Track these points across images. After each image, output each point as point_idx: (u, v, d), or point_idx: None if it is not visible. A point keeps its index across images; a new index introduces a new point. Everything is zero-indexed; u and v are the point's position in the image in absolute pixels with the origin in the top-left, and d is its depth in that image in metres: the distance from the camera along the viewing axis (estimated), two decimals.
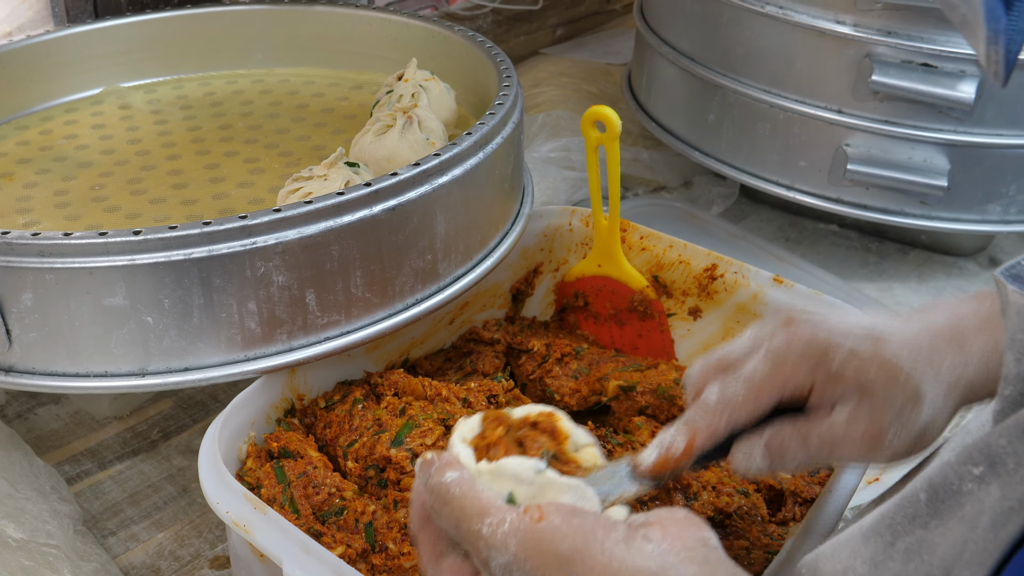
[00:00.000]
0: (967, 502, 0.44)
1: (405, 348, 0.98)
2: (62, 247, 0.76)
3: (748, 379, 0.64)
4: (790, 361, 0.64)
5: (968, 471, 0.44)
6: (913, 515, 0.46)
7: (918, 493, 0.47)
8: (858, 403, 0.63)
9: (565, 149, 1.51)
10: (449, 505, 0.55)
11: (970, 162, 1.25)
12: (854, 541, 0.50)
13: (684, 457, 0.65)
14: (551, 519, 0.52)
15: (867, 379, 0.62)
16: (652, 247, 1.05)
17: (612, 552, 0.51)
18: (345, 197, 0.80)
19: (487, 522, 0.53)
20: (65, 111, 1.23)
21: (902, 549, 0.46)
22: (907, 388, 0.62)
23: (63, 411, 1.13)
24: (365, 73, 1.31)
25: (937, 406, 0.62)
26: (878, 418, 0.62)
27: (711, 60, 1.35)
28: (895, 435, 0.62)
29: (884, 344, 0.63)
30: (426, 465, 0.58)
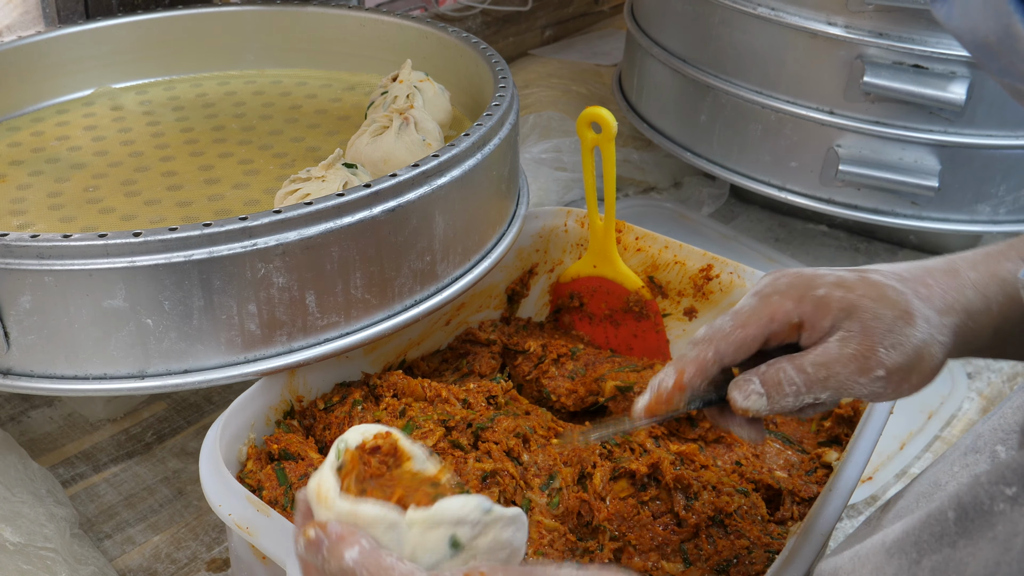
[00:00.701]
0: (999, 522, 0.43)
1: (402, 349, 0.98)
2: (61, 249, 0.76)
3: (735, 312, 0.66)
4: (776, 294, 0.66)
5: (1000, 491, 0.44)
6: (940, 533, 0.46)
7: (946, 511, 0.46)
8: (848, 323, 0.63)
9: (556, 150, 1.51)
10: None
11: (960, 163, 1.26)
12: (877, 557, 0.49)
13: (676, 391, 0.65)
14: None
15: (854, 298, 0.63)
16: (648, 248, 1.05)
17: None
18: (345, 198, 0.80)
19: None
20: (56, 112, 1.22)
21: (928, 568, 0.45)
22: (897, 304, 0.63)
23: (56, 414, 1.12)
24: (358, 74, 1.31)
25: (933, 324, 0.63)
26: (869, 332, 0.63)
27: (702, 61, 1.36)
28: (889, 349, 0.62)
29: (870, 272, 0.66)
30: (313, 546, 0.50)
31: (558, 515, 0.79)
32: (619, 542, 0.78)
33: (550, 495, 0.80)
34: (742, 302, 0.67)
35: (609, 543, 0.78)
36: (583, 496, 0.81)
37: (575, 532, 0.80)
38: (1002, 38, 0.43)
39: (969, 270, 0.66)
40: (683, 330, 1.05)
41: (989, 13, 0.43)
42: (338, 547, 0.50)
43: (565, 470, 0.82)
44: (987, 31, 0.45)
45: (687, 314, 1.05)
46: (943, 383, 1.25)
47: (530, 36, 2.01)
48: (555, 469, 0.82)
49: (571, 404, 0.97)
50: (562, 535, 0.78)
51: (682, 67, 1.38)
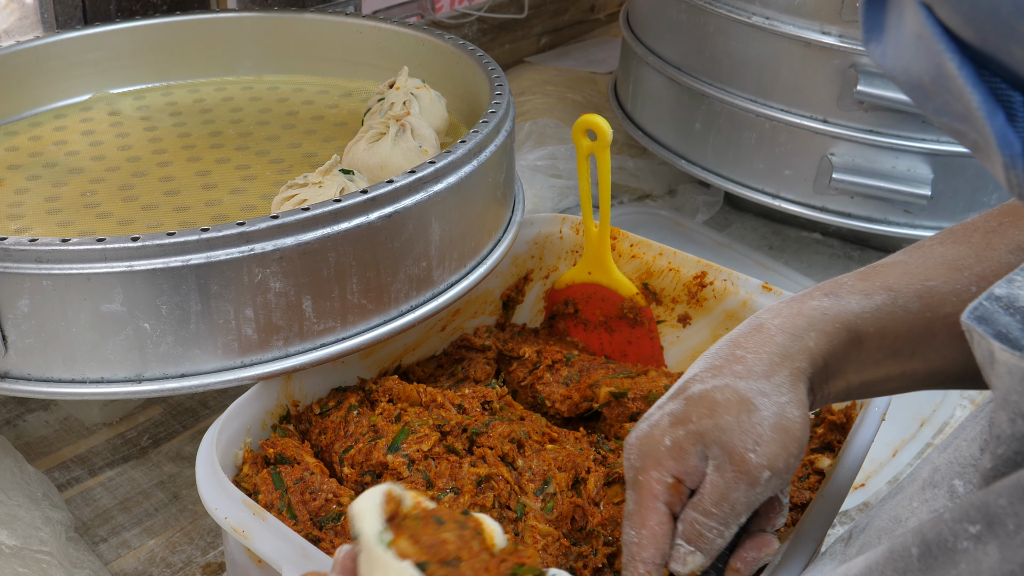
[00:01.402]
0: (962, 560, 0.43)
1: (398, 355, 0.98)
2: (60, 253, 0.76)
3: (629, 521, 0.67)
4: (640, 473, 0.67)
5: (964, 529, 0.44)
6: (904, 569, 0.45)
7: (909, 547, 0.45)
8: (709, 450, 0.65)
9: (552, 157, 1.52)
10: None
11: (953, 171, 1.27)
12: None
13: None
14: None
15: (694, 427, 0.66)
16: (642, 255, 1.06)
17: None
18: (342, 204, 0.80)
19: None
20: (54, 117, 1.22)
21: None
22: (729, 403, 0.66)
23: (52, 417, 1.12)
24: (354, 81, 1.31)
25: (767, 394, 0.66)
26: (729, 448, 0.65)
27: (697, 69, 1.37)
28: (754, 450, 0.64)
29: (689, 384, 0.68)
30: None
31: (552, 520, 0.80)
32: (612, 547, 0.78)
33: (544, 500, 0.81)
34: (627, 502, 0.68)
35: (603, 548, 0.78)
36: (577, 501, 0.81)
37: (569, 537, 0.80)
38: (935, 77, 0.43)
39: (773, 318, 0.69)
40: (677, 336, 1.06)
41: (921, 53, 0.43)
42: None
43: (559, 475, 0.82)
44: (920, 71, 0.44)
45: (681, 321, 1.06)
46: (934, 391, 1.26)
47: (526, 43, 2.02)
48: (550, 474, 0.82)
49: (565, 410, 0.98)
50: (556, 540, 0.78)
51: (677, 75, 1.39)
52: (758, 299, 0.99)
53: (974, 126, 0.43)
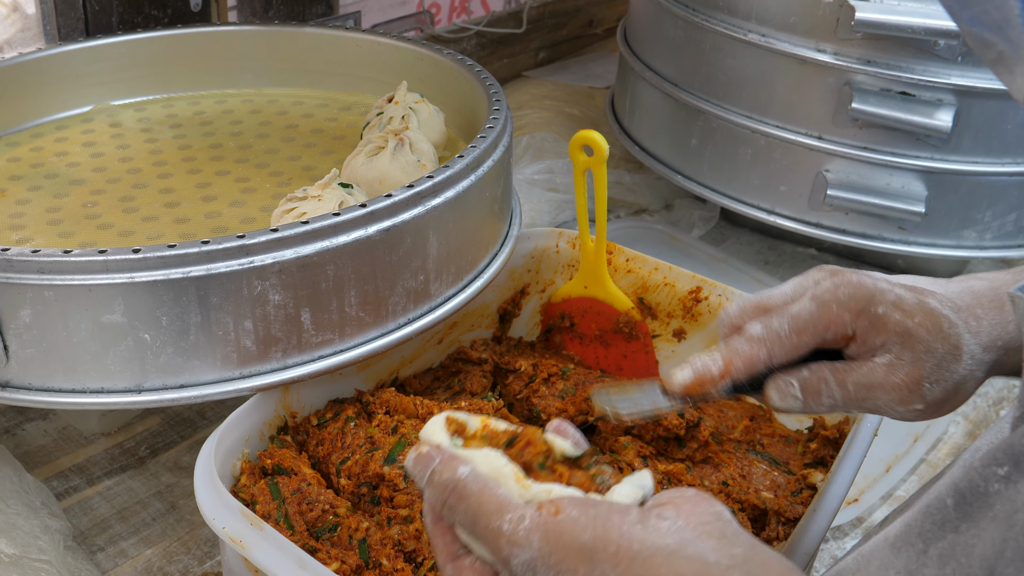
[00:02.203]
0: (996, 502, 0.45)
1: (395, 367, 0.99)
2: (62, 264, 0.77)
3: (794, 316, 0.65)
4: (836, 304, 0.65)
5: (993, 472, 0.45)
6: (943, 521, 0.47)
7: (944, 499, 0.47)
8: (900, 350, 0.64)
9: (549, 171, 1.53)
10: (465, 501, 0.54)
11: (947, 188, 1.28)
12: (881, 553, 0.51)
13: (720, 378, 0.66)
14: (568, 511, 0.52)
15: (911, 325, 0.64)
16: (638, 269, 1.07)
17: (631, 534, 0.51)
18: (341, 218, 0.81)
19: (507, 518, 0.53)
20: (56, 128, 1.23)
21: (935, 555, 0.47)
22: (949, 338, 0.64)
23: (51, 427, 1.13)
24: (354, 95, 1.33)
25: (976, 360, 0.64)
26: (919, 365, 0.63)
27: (694, 85, 1.38)
28: (932, 385, 0.63)
29: (928, 295, 0.65)
30: (425, 460, 0.57)
31: None
32: None
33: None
34: (800, 304, 0.66)
35: None
36: None
37: None
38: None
39: None
40: (672, 351, 1.07)
41: None
42: (452, 463, 0.55)
43: None
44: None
45: (676, 335, 1.06)
46: None
47: (524, 58, 2.03)
48: None
49: None
50: None
51: (674, 91, 1.40)
52: None
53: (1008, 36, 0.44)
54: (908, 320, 0.64)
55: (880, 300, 0.65)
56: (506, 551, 0.53)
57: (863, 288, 0.65)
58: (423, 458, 0.57)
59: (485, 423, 0.60)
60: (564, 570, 0.51)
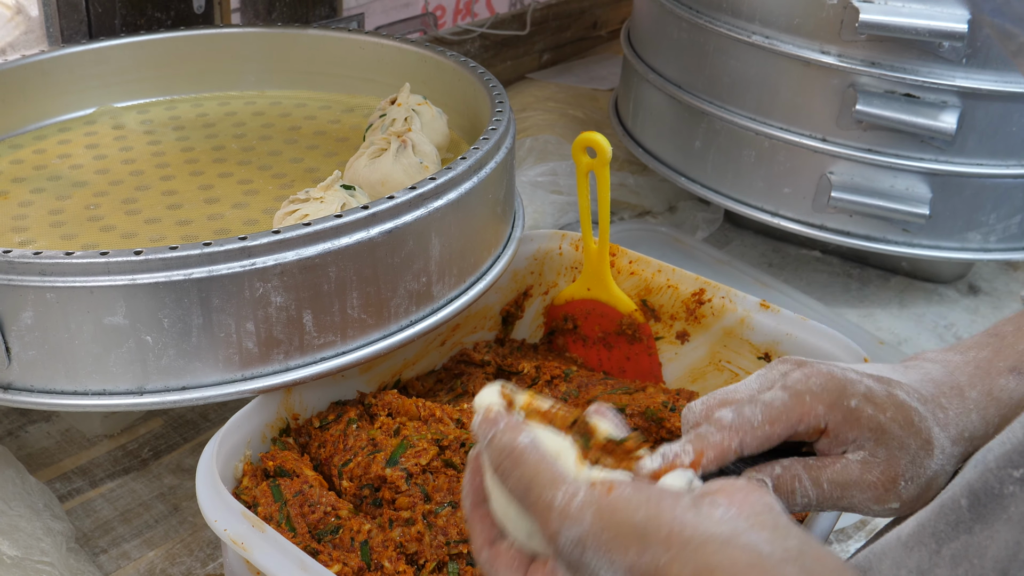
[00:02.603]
0: (1011, 504, 0.45)
1: (397, 369, 0.99)
2: (63, 266, 0.77)
3: (767, 404, 0.63)
4: (809, 395, 0.63)
5: (1008, 474, 0.45)
6: (956, 521, 0.47)
7: (959, 499, 0.47)
8: (874, 447, 0.62)
9: (552, 173, 1.53)
10: (521, 468, 0.53)
11: (951, 191, 1.27)
12: (894, 551, 0.50)
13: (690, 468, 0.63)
14: (622, 491, 0.51)
15: (883, 420, 0.62)
16: (641, 271, 1.07)
17: (684, 519, 0.50)
18: (343, 220, 0.81)
19: (561, 491, 0.52)
20: (59, 131, 1.24)
21: (948, 556, 0.47)
22: (920, 432, 0.62)
23: (54, 429, 1.13)
24: (357, 96, 1.32)
25: (946, 454, 0.63)
26: (893, 462, 0.62)
27: (697, 87, 1.38)
28: (908, 482, 0.62)
29: (896, 387, 0.64)
30: (491, 422, 0.56)
31: None
32: None
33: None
34: (772, 394, 0.64)
35: None
36: None
37: None
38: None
39: (970, 389, 0.65)
40: (675, 353, 1.07)
41: None
42: (515, 429, 0.55)
43: None
44: None
45: (679, 337, 1.06)
46: None
47: (528, 60, 2.03)
48: None
49: None
50: None
51: (677, 93, 1.40)
52: (756, 317, 1.00)
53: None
54: (881, 415, 0.62)
55: (852, 392, 0.63)
56: (556, 524, 0.52)
57: (834, 379, 0.64)
58: (490, 420, 0.56)
59: (531, 398, 0.60)
60: (615, 548, 0.50)
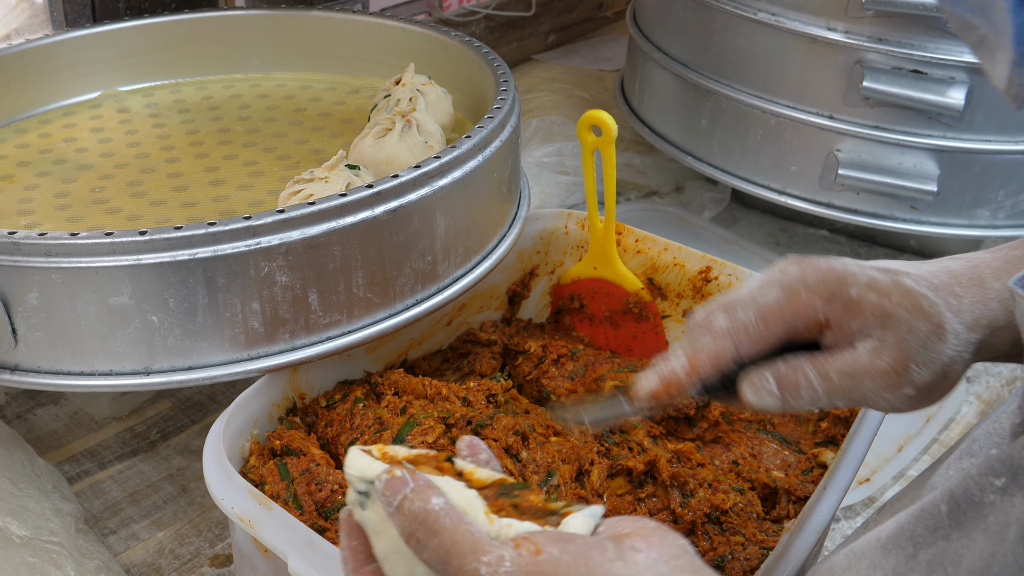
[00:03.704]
0: (990, 513, 0.43)
1: (404, 348, 0.99)
2: (69, 247, 0.77)
3: (760, 305, 0.62)
4: (804, 289, 0.61)
5: (990, 482, 0.44)
6: (935, 527, 0.46)
7: (939, 504, 0.46)
8: (881, 332, 0.60)
9: (559, 154, 1.53)
10: (439, 536, 0.49)
11: (959, 167, 1.27)
12: (872, 552, 0.49)
13: (687, 379, 0.62)
14: (549, 551, 0.48)
15: (888, 306, 0.60)
16: (647, 250, 1.07)
17: (613, 571, 0.48)
18: (347, 199, 0.81)
19: (484, 560, 0.48)
20: (63, 114, 1.24)
21: (924, 561, 0.46)
22: (931, 317, 0.60)
23: (62, 411, 1.13)
24: (361, 78, 1.32)
25: (961, 340, 0.60)
26: (903, 347, 0.60)
27: (704, 66, 1.37)
28: (921, 367, 0.60)
29: (903, 276, 0.62)
30: (397, 484, 0.50)
31: None
32: None
33: (548, 491, 0.81)
34: (765, 292, 0.62)
35: None
36: (581, 492, 0.82)
37: None
38: None
39: (993, 280, 0.63)
40: (682, 331, 1.06)
41: None
42: (426, 492, 0.50)
43: (563, 467, 0.83)
44: None
45: (686, 315, 1.06)
46: None
47: (533, 41, 2.03)
48: (553, 466, 0.83)
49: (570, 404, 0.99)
50: None
51: (684, 72, 1.40)
52: None
53: (991, 19, 0.42)
54: (885, 300, 0.60)
55: (852, 282, 0.61)
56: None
57: (832, 272, 0.62)
58: (395, 481, 0.50)
59: (382, 448, 0.55)
60: None
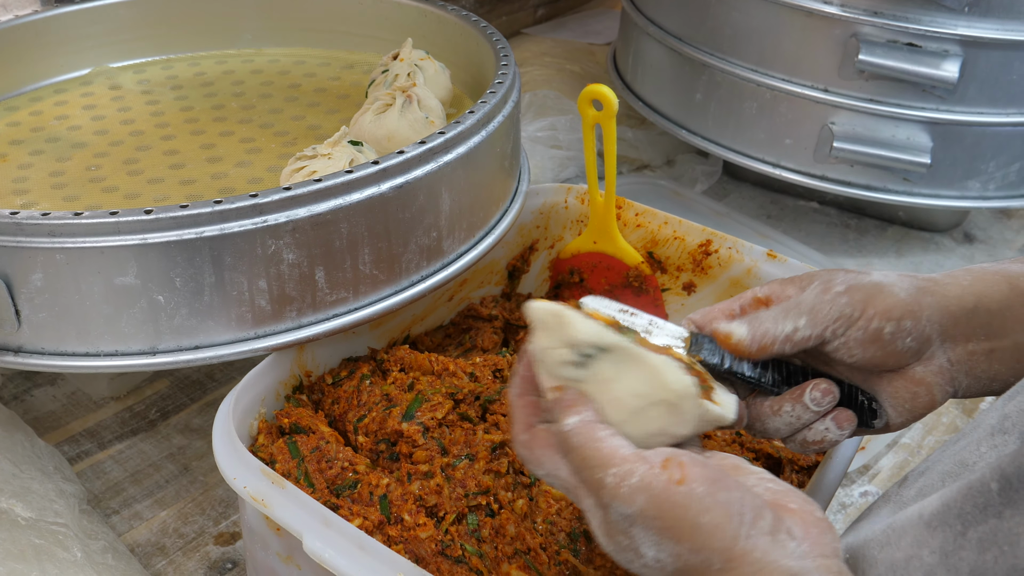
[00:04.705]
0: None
1: (407, 325, 0.99)
2: (73, 227, 0.76)
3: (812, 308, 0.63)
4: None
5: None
6: (984, 504, 0.46)
7: (988, 483, 0.46)
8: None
9: (552, 128, 1.52)
10: (573, 452, 0.54)
11: (952, 139, 1.27)
12: (915, 530, 0.50)
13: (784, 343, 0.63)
14: (694, 486, 0.51)
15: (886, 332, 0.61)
16: (647, 224, 1.07)
17: (756, 541, 0.50)
18: (354, 175, 0.80)
19: (611, 472, 0.52)
20: (55, 92, 1.22)
21: (975, 539, 0.46)
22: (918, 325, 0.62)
23: (60, 392, 1.13)
24: (356, 53, 1.31)
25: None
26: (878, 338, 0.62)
27: (698, 40, 1.37)
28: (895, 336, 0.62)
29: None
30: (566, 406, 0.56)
31: None
32: None
33: None
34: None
35: None
36: None
37: None
38: None
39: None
40: (682, 304, 1.07)
41: None
42: (566, 409, 0.56)
43: None
44: None
45: (686, 288, 1.06)
46: None
47: (523, 15, 2.02)
48: None
49: None
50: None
51: (678, 46, 1.39)
52: (763, 267, 1.00)
53: None
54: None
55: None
56: (605, 500, 0.52)
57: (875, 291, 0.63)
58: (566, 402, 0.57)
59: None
60: (666, 531, 0.51)
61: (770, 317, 0.63)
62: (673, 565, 0.51)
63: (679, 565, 0.50)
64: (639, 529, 0.51)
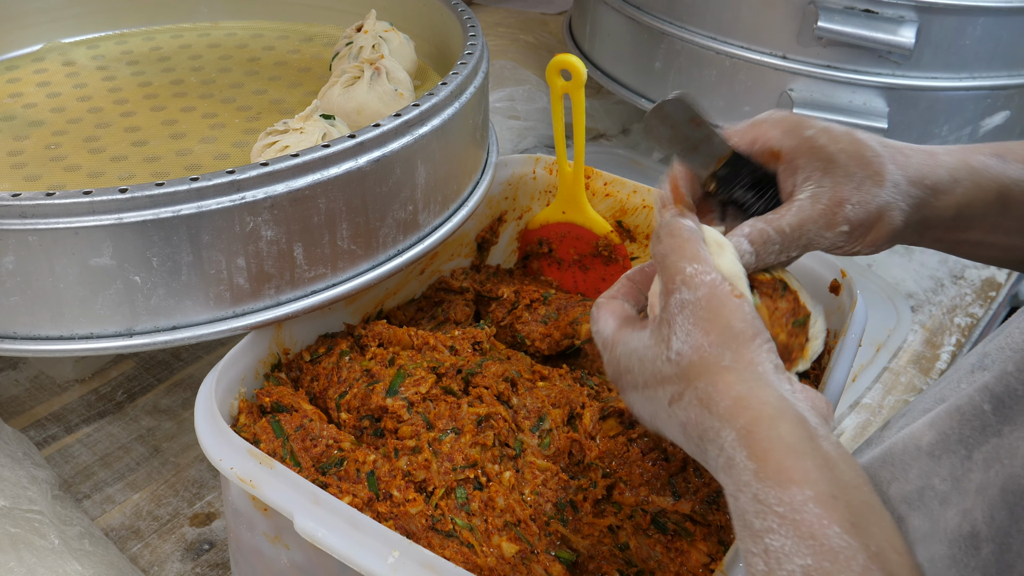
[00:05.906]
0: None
1: (380, 299, 0.98)
2: (45, 207, 0.74)
3: (727, 132, 0.72)
4: (766, 122, 0.71)
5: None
6: (982, 426, 0.49)
7: (981, 405, 0.49)
8: (820, 177, 0.67)
9: (510, 99, 1.52)
10: (673, 238, 0.63)
11: (907, 104, 1.29)
12: (919, 462, 0.52)
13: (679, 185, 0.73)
14: (743, 303, 0.59)
15: (834, 151, 0.67)
16: (616, 193, 1.07)
17: (765, 364, 0.57)
18: (331, 150, 0.80)
19: (695, 266, 0.60)
20: (6, 69, 1.19)
21: (980, 459, 0.48)
22: (871, 165, 0.67)
23: (22, 376, 1.10)
24: (315, 25, 1.29)
25: (900, 190, 0.68)
26: (838, 189, 0.67)
27: (657, 8, 1.37)
28: (854, 206, 0.67)
29: (859, 131, 0.69)
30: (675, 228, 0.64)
31: (550, 455, 0.81)
32: (611, 479, 0.80)
33: (541, 436, 0.82)
34: (738, 125, 0.73)
35: (601, 480, 0.80)
36: (573, 436, 0.83)
37: (567, 471, 0.82)
38: None
39: (944, 155, 0.71)
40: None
41: None
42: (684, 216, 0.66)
43: (554, 411, 0.83)
44: None
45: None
46: (888, 317, 1.30)
47: None
48: (544, 411, 0.83)
49: (545, 348, 0.99)
50: (555, 474, 0.80)
51: (636, 14, 1.39)
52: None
53: None
54: (832, 145, 0.67)
55: (809, 125, 0.69)
56: (675, 283, 0.60)
57: (794, 116, 0.70)
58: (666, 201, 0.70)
59: None
60: (702, 323, 0.58)
61: None
62: (689, 359, 0.58)
63: (694, 359, 0.58)
64: (685, 315, 0.59)
